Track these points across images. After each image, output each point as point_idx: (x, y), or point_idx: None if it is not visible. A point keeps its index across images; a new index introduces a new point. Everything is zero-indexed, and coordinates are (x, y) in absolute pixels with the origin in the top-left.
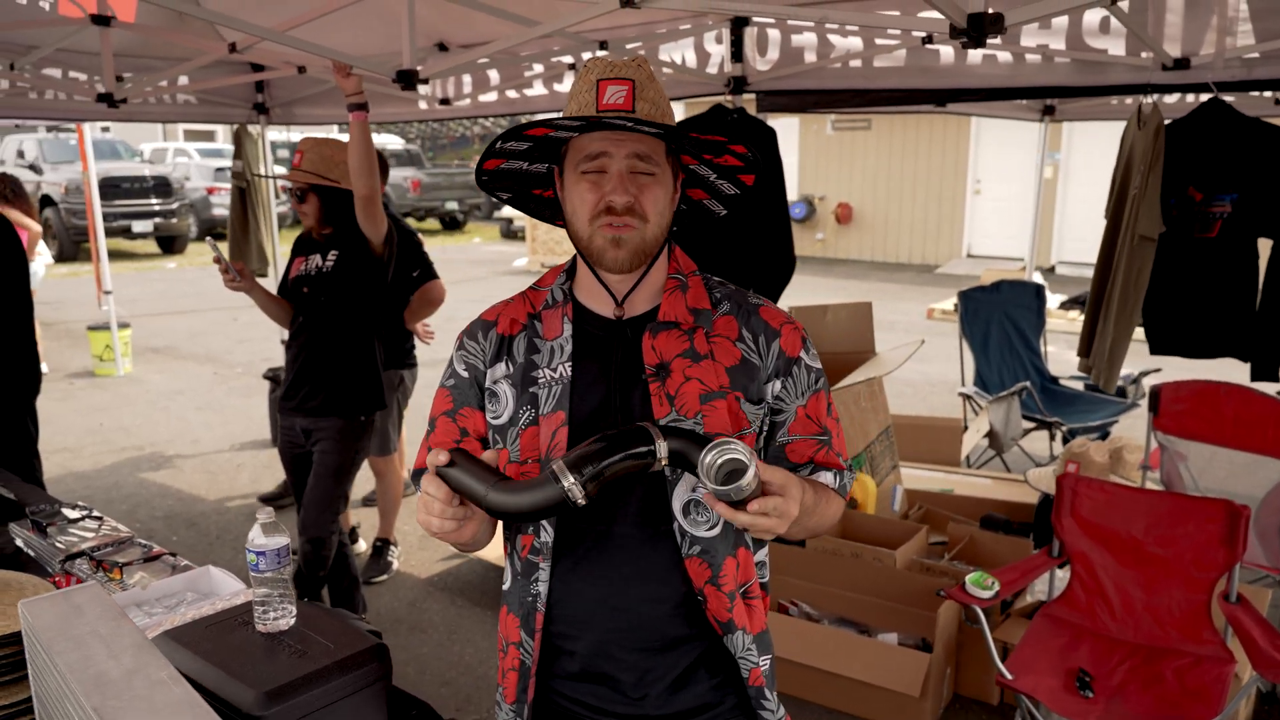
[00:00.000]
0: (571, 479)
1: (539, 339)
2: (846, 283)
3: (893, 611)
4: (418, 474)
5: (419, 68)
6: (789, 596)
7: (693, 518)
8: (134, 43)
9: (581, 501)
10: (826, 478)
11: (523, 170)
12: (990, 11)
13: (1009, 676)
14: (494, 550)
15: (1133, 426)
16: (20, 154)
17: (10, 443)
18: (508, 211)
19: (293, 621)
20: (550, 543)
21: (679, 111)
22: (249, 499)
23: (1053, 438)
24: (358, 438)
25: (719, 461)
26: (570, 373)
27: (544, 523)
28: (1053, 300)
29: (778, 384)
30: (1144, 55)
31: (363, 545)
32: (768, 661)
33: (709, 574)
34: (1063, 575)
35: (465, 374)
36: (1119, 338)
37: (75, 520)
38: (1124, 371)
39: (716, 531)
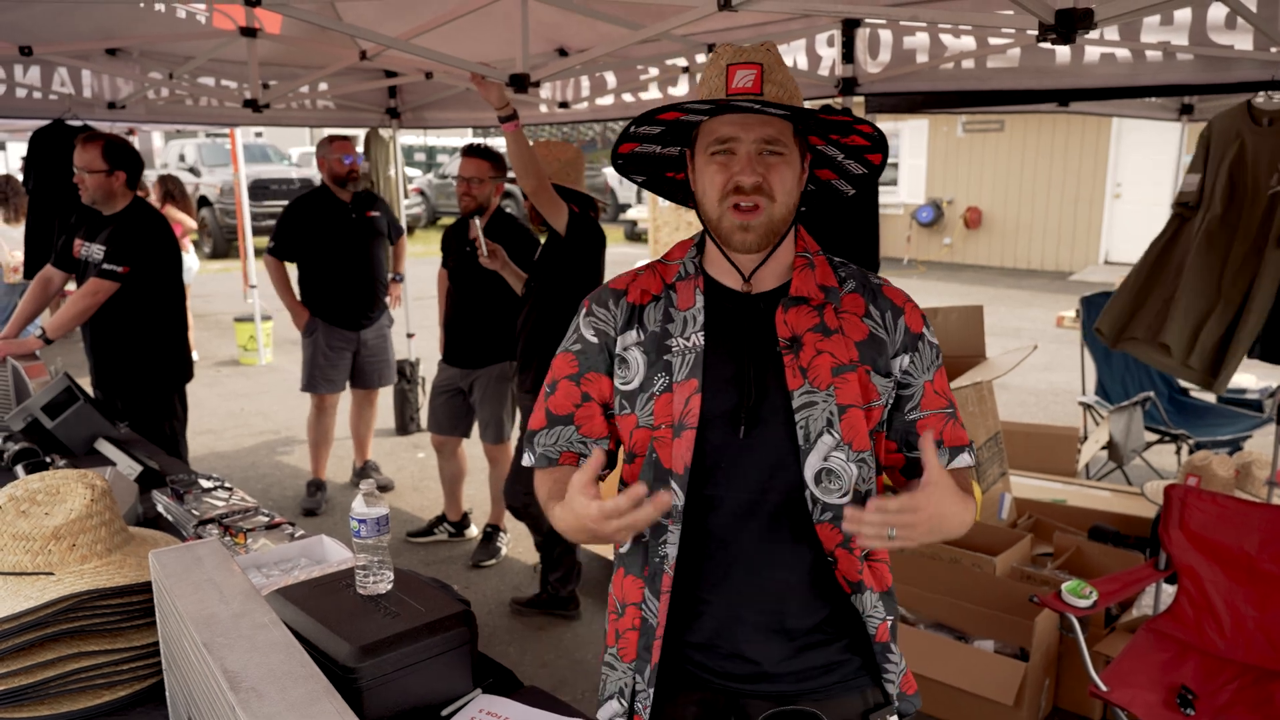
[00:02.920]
0: None
1: (673, 309)
2: (972, 289)
3: (990, 618)
4: (532, 435)
5: (530, 72)
6: None
7: (825, 485)
8: (278, 52)
9: None
10: (964, 459)
11: (656, 154)
12: (1079, 7)
13: (1104, 688)
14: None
15: (1266, 442)
16: (181, 157)
17: (160, 421)
18: (632, 214)
19: (390, 586)
20: (681, 507)
21: None
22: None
23: (1179, 451)
24: None
25: None
26: (703, 341)
27: (675, 485)
28: None
29: (905, 359)
30: (1274, 50)
31: (474, 530)
32: (893, 618)
33: (840, 537)
34: (1170, 590)
35: (594, 340)
36: (1242, 341)
37: (209, 490)
38: (1263, 384)
39: (848, 499)
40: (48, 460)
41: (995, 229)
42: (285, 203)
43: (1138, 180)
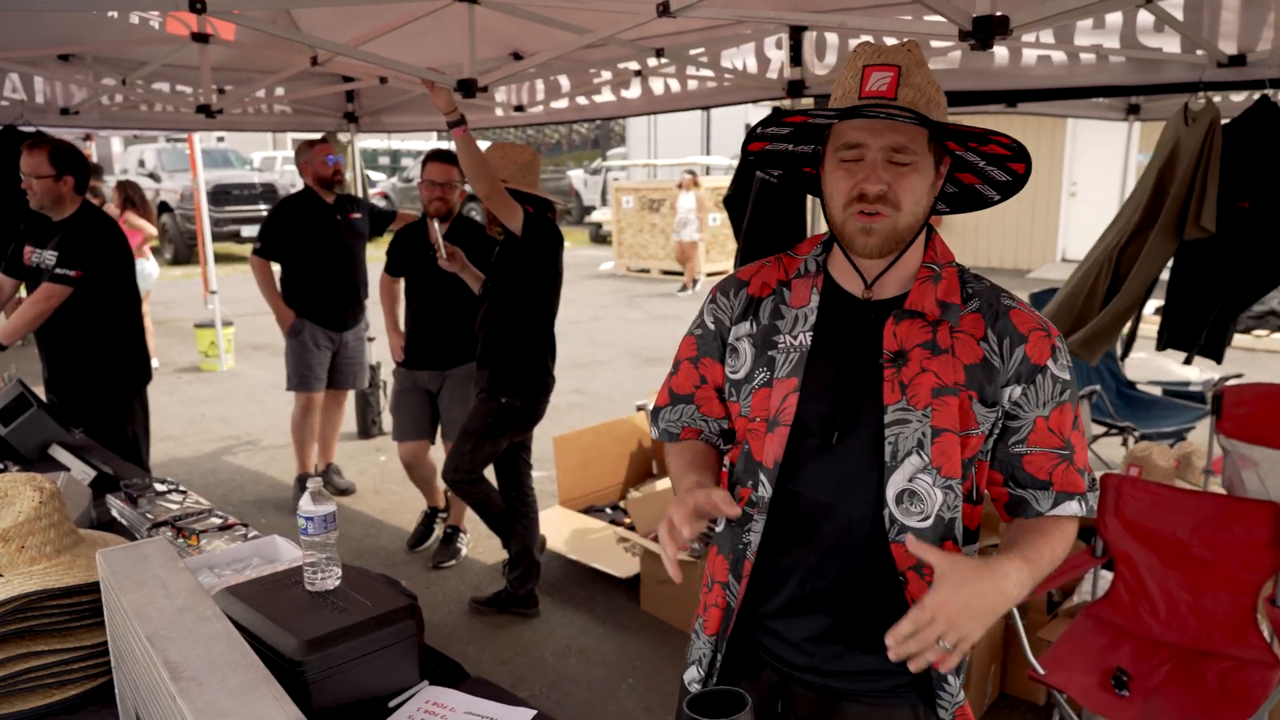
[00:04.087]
0: None
1: (785, 305)
2: None
3: None
4: (657, 411)
5: (478, 77)
6: None
7: (905, 507)
8: (233, 57)
9: None
10: (1070, 507)
11: (789, 151)
12: (997, 14)
13: (1041, 672)
14: (559, 542)
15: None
16: (141, 163)
17: (119, 425)
18: (596, 216)
19: (338, 583)
20: (768, 499)
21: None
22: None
23: (1125, 443)
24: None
25: None
26: (810, 342)
27: (763, 478)
28: None
29: (1017, 389)
30: (1199, 53)
31: (437, 531)
32: (959, 654)
33: (915, 560)
34: (1107, 576)
35: (712, 326)
36: (1113, 324)
37: (162, 493)
38: (1206, 377)
39: (928, 524)
40: (1, 467)
41: (955, 228)
42: (248, 208)
43: (1092, 179)
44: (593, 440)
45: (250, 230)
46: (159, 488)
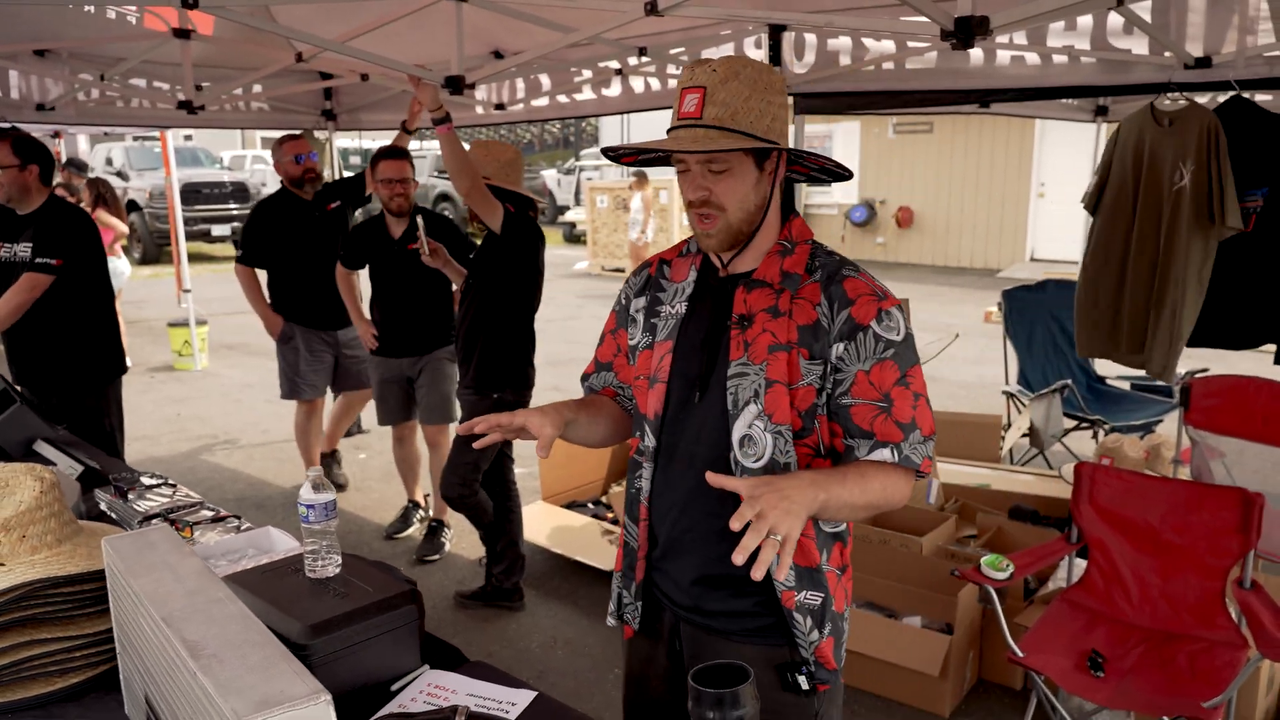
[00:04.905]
0: None
1: (667, 280)
2: (905, 286)
3: (917, 596)
4: (585, 376)
5: (465, 74)
6: None
7: (745, 450)
8: (211, 53)
9: None
10: (883, 454)
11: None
12: (976, 15)
13: (1020, 655)
14: (542, 536)
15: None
16: (109, 161)
17: (97, 418)
18: (570, 216)
19: (338, 569)
20: (652, 448)
21: None
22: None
23: (1095, 436)
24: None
25: None
26: (684, 311)
27: (647, 429)
28: None
29: (841, 346)
30: (1167, 55)
31: (416, 527)
32: (812, 596)
33: None
34: (1081, 563)
35: (624, 301)
36: (1181, 332)
37: (152, 487)
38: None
39: (761, 465)
40: None
41: (926, 228)
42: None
43: (1060, 180)
44: None
45: (220, 229)
46: (147, 481)
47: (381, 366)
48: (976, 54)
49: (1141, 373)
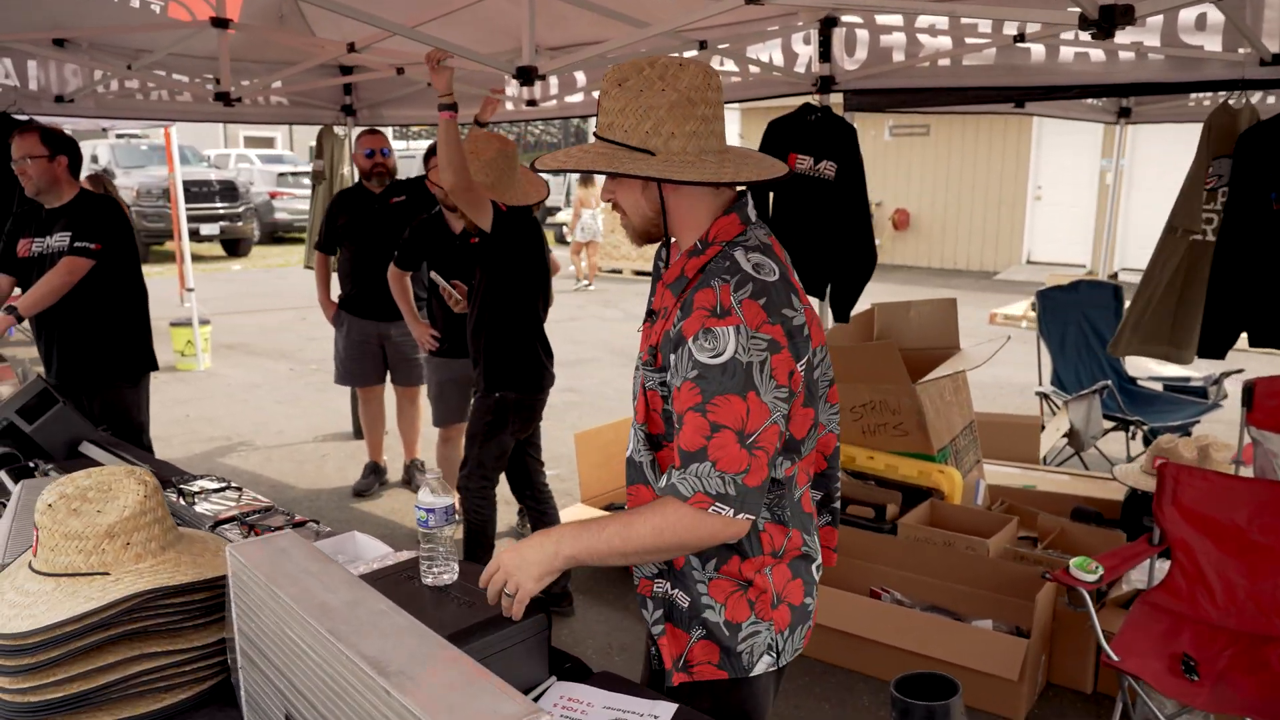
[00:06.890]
0: None
1: (663, 264)
2: (903, 288)
3: (987, 599)
4: None
5: (536, 65)
6: (879, 583)
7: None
8: (235, 46)
9: None
10: (663, 480)
11: None
12: (1121, 4)
13: (1115, 658)
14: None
15: (1213, 428)
16: (94, 158)
17: (130, 414)
18: (561, 217)
19: (455, 577)
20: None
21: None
22: (339, 487)
23: (1131, 438)
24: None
25: None
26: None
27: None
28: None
29: (672, 358)
30: (1241, 51)
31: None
32: (679, 595)
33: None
34: (1162, 564)
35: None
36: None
37: (217, 490)
38: (1205, 373)
39: (630, 462)
40: (32, 465)
41: (923, 230)
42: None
43: (1057, 182)
44: (613, 436)
45: (209, 229)
46: (210, 485)
47: (443, 368)
48: (1038, 50)
49: (1173, 373)
